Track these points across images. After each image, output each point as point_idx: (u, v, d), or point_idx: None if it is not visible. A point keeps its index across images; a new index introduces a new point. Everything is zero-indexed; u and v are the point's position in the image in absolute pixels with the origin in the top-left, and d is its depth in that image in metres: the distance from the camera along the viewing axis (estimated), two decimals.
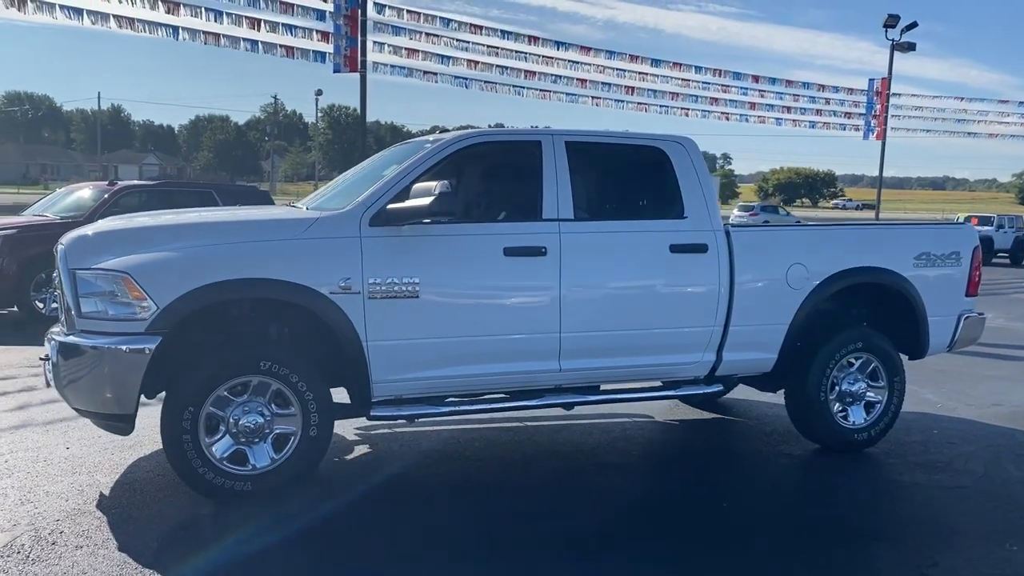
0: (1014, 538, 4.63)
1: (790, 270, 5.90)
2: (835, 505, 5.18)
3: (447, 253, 5.11)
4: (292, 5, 20.27)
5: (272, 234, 4.91)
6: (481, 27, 24.44)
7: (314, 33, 20.98)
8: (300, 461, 4.85)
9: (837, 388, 6.19)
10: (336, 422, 5.11)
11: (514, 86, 25.42)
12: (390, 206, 4.99)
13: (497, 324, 5.21)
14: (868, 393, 6.27)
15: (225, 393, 4.72)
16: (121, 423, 4.70)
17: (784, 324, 5.93)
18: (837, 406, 6.18)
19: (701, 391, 5.87)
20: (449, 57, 23.43)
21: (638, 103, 28.82)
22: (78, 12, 16.90)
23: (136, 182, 13.59)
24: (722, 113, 37.54)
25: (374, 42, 21.98)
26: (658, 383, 5.95)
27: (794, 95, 40.42)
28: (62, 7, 17.05)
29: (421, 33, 22.74)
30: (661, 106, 29.66)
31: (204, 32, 18.18)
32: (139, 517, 4.57)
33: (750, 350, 5.91)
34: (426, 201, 4.86)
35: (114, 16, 16.57)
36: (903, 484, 5.66)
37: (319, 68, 22.24)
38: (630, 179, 6.02)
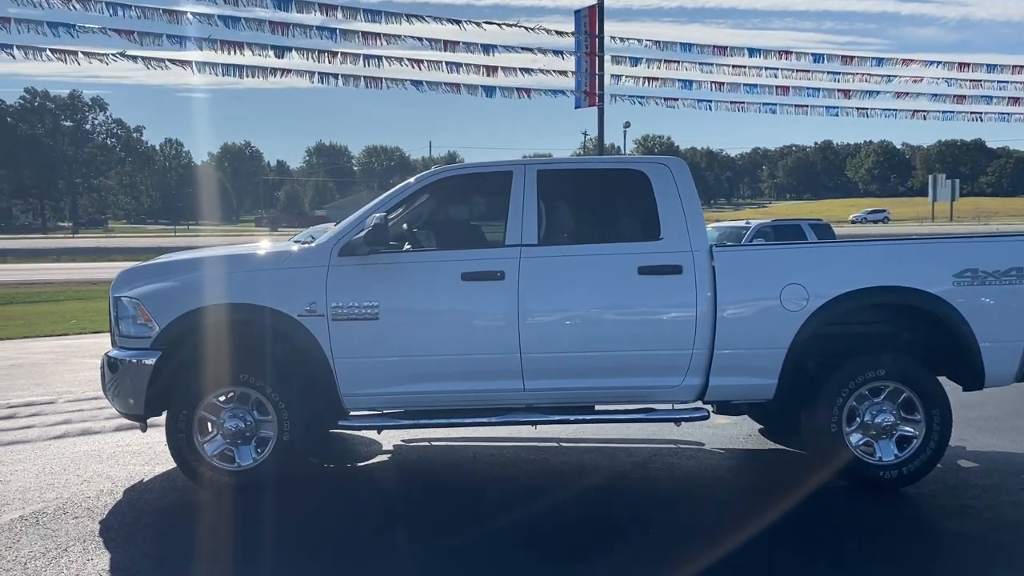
0: None
1: (785, 291, 5.54)
2: (796, 542, 4.83)
3: (406, 279, 5.60)
4: (532, 48, 21.65)
5: (254, 265, 5.76)
6: (725, 47, 24.08)
7: (552, 72, 22.15)
8: (276, 461, 5.60)
9: (858, 419, 5.64)
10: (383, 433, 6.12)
11: (764, 104, 24.61)
12: (354, 238, 5.60)
13: (454, 344, 5.57)
14: (901, 426, 5.63)
15: (214, 400, 5.62)
16: (140, 421, 5.79)
17: (781, 348, 5.57)
18: (858, 438, 5.64)
19: (668, 416, 5.70)
20: (691, 81, 23.39)
21: (914, 110, 26.23)
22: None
23: None
24: None
25: (611, 75, 22.66)
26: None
27: None
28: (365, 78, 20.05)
29: (660, 61, 22.99)
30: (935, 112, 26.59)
31: (444, 83, 20.14)
32: (146, 502, 5.61)
33: (743, 375, 5.64)
34: (362, 233, 5.43)
35: (365, 78, 19.11)
36: (895, 524, 5.09)
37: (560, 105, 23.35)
38: (605, 203, 6.05)
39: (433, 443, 6.97)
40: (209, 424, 5.65)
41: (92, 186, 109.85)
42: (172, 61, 17.89)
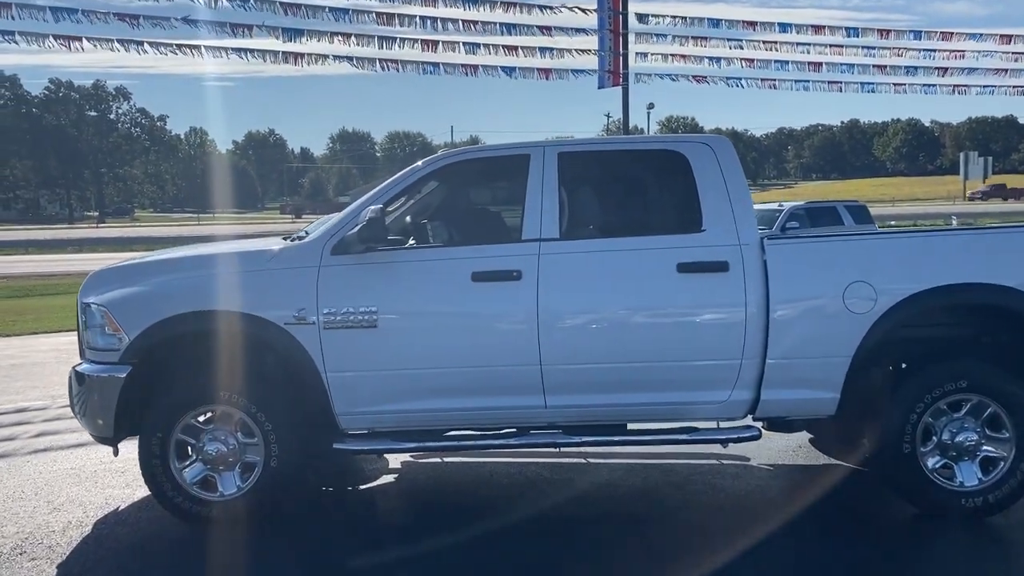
0: None
1: (849, 289, 4.75)
2: None
3: (408, 280, 4.88)
4: (550, 27, 20.75)
5: (235, 267, 5.04)
6: (755, 23, 23.05)
7: (573, 52, 21.29)
8: (264, 490, 4.90)
9: (935, 438, 4.85)
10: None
11: (796, 81, 23.56)
12: (348, 234, 4.87)
13: (465, 355, 4.85)
14: (986, 446, 4.83)
15: (193, 421, 4.93)
16: (111, 444, 5.12)
17: (844, 356, 4.79)
18: (935, 460, 4.85)
19: (713, 437, 4.94)
20: (720, 58, 22.40)
21: (953, 85, 25.00)
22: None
23: None
24: None
25: (636, 53, 21.73)
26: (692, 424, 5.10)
27: None
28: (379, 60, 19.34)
29: (687, 38, 22.03)
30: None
31: (462, 65, 19.36)
32: (116, 537, 4.94)
33: (799, 388, 4.86)
34: (355, 228, 4.70)
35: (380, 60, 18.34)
36: (983, 568, 4.31)
37: (578, 85, 22.46)
38: (637, 190, 5.28)
39: (445, 460, 6.25)
40: (188, 448, 4.97)
41: (118, 176, 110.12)
42: (180, 46, 17.24)
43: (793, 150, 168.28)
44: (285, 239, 5.38)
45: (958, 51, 24.14)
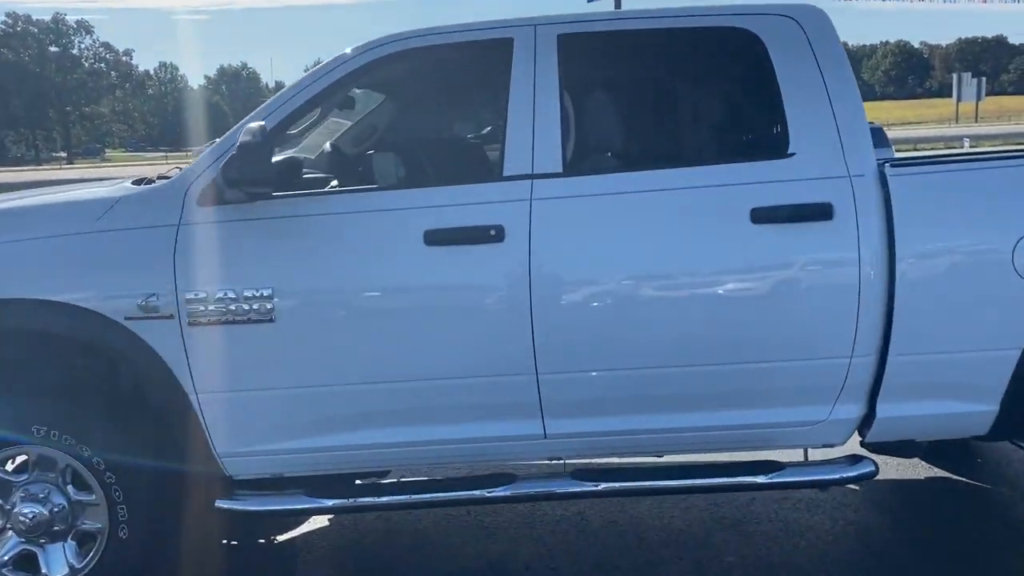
0: None
1: (1022, 245, 3.01)
2: None
3: (321, 246, 3.08)
4: None
5: (44, 228, 3.20)
6: None
7: None
8: (111, 572, 3.18)
9: None
10: None
11: None
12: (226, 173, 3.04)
13: (415, 362, 3.09)
14: None
15: None
16: None
17: (1012, 349, 3.08)
18: None
19: (805, 478, 3.23)
20: None
21: None
22: None
23: None
24: None
25: None
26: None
27: None
28: None
29: None
30: None
31: None
32: None
33: (937, 398, 3.15)
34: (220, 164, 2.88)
35: None
36: None
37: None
38: (685, 94, 3.45)
39: None
40: None
41: (84, 114, 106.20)
42: None
43: None
44: (137, 183, 3.53)
45: None
